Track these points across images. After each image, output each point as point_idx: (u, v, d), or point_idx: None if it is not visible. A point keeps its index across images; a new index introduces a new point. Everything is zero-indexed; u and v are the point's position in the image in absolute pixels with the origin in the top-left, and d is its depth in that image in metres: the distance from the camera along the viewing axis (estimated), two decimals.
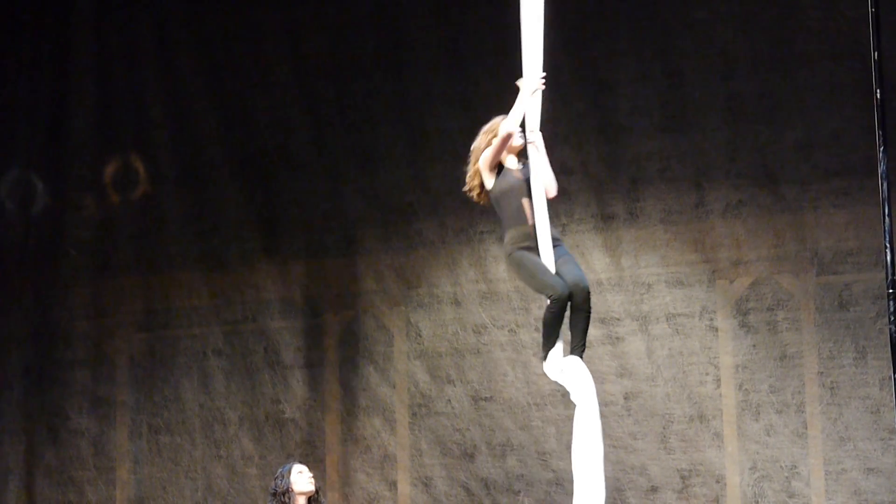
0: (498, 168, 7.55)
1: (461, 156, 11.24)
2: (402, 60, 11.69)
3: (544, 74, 7.57)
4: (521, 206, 7.43)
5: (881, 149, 7.23)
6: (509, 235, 7.44)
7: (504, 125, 7.43)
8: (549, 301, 7.40)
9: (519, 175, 7.51)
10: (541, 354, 7.63)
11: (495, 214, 11.06)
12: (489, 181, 7.51)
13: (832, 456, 10.26)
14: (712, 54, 10.72)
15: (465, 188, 7.69)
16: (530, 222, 7.42)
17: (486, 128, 7.65)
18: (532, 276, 7.38)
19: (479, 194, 7.63)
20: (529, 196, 7.43)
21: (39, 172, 12.52)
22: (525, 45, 7.50)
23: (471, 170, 7.63)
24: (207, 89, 12.19)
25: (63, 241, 12.45)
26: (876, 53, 7.26)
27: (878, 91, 7.25)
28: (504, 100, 11.11)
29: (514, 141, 7.46)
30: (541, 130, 7.61)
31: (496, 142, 7.43)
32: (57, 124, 12.49)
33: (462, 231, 11.41)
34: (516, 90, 7.60)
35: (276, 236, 11.96)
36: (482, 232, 11.34)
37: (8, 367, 12.45)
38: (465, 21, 11.49)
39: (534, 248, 7.38)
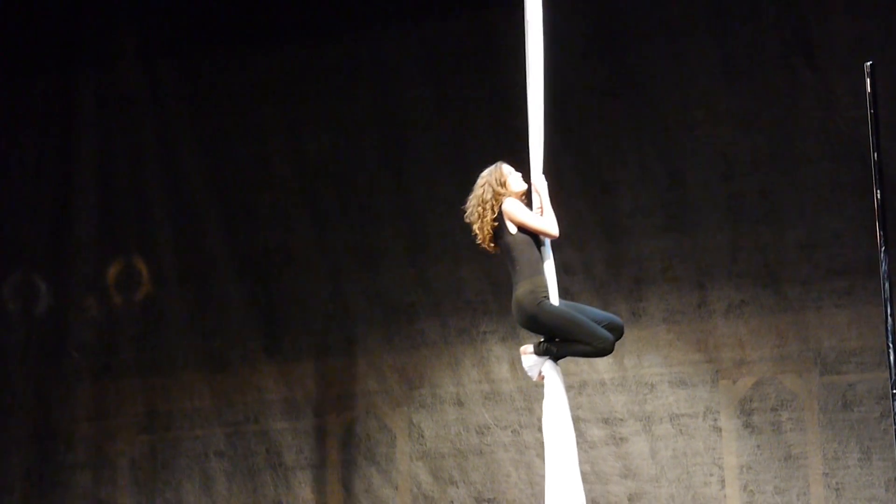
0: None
1: (463, 256, 11.39)
2: (403, 160, 11.75)
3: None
4: (539, 257, 7.39)
5: (882, 248, 7.23)
6: (531, 284, 7.32)
7: (552, 230, 7.36)
8: (592, 346, 7.35)
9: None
10: (533, 347, 7.49)
11: (496, 314, 11.23)
12: (513, 228, 7.44)
13: None
14: (713, 154, 10.79)
15: (478, 240, 7.58)
16: (545, 273, 7.38)
17: (489, 179, 7.55)
18: (577, 325, 7.31)
19: (490, 243, 7.53)
20: (540, 247, 7.42)
21: (42, 274, 12.55)
22: (532, 143, 7.53)
23: (480, 220, 7.52)
24: (209, 189, 12.25)
25: (65, 343, 12.43)
26: (875, 154, 7.28)
27: (878, 191, 7.26)
28: None
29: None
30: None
31: (532, 226, 7.35)
32: (60, 226, 12.53)
33: (464, 331, 11.41)
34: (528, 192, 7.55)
35: (277, 337, 11.96)
36: (484, 332, 11.34)
37: (9, 469, 12.38)
38: (466, 121, 11.57)
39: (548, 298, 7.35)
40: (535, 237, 7.38)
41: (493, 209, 7.43)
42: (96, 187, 12.52)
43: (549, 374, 7.37)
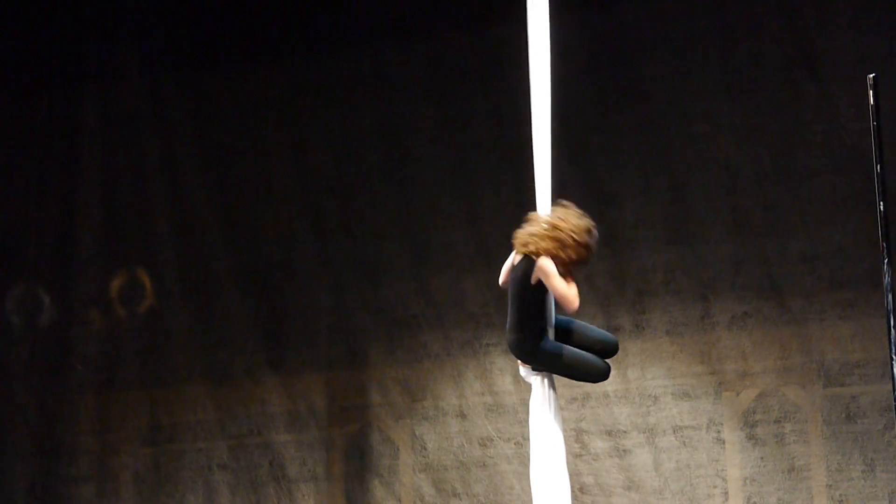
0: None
1: (465, 268, 11.40)
2: (406, 174, 11.77)
3: None
4: (545, 303, 7.39)
5: (885, 260, 7.24)
6: (531, 330, 7.32)
7: (574, 303, 7.32)
8: (587, 380, 7.51)
9: None
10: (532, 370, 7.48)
11: (500, 327, 11.24)
12: (534, 279, 7.35)
13: None
14: (715, 167, 10.82)
15: (531, 247, 7.33)
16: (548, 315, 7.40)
17: (567, 229, 7.33)
18: (575, 365, 7.33)
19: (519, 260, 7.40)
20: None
21: (46, 287, 12.56)
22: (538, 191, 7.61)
23: (525, 248, 7.33)
24: (213, 204, 12.27)
25: (69, 356, 12.44)
26: (878, 166, 7.30)
27: (881, 203, 7.28)
28: (508, 213, 11.27)
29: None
30: None
31: (561, 292, 7.27)
32: (64, 240, 12.55)
33: (467, 343, 11.42)
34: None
35: (281, 349, 11.97)
36: (487, 344, 11.35)
37: (12, 482, 12.38)
38: (469, 135, 11.59)
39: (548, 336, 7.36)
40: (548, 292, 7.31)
41: (535, 252, 7.31)
42: (100, 202, 12.54)
43: (536, 385, 7.40)
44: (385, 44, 11.91)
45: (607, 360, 7.52)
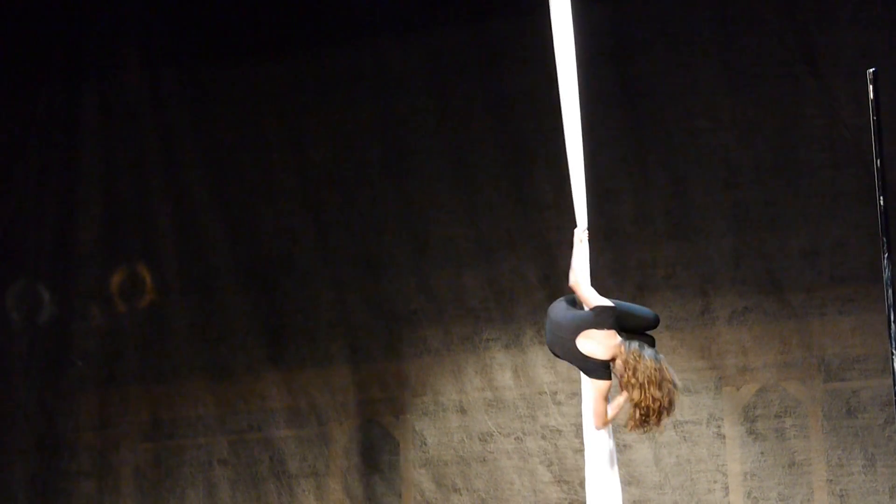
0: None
1: (465, 264, 11.40)
2: (406, 169, 11.77)
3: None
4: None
5: (885, 255, 7.24)
6: None
7: (596, 422, 7.31)
8: None
9: None
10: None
11: (500, 322, 11.25)
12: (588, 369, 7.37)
13: None
14: (715, 162, 10.83)
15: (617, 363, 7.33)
16: None
17: (652, 375, 7.28)
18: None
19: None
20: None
21: (46, 282, 12.55)
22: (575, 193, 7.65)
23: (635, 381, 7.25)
24: (213, 199, 12.26)
25: (69, 351, 12.43)
26: (878, 161, 7.30)
27: (881, 198, 7.28)
28: (508, 208, 11.29)
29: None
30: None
31: (595, 405, 7.26)
32: (64, 235, 12.54)
33: (467, 339, 11.42)
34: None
35: (281, 345, 11.96)
36: (487, 339, 11.35)
37: (12, 478, 12.37)
38: (468, 130, 11.59)
39: None
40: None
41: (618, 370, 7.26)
42: (100, 197, 12.53)
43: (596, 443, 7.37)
44: (385, 38, 11.91)
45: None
